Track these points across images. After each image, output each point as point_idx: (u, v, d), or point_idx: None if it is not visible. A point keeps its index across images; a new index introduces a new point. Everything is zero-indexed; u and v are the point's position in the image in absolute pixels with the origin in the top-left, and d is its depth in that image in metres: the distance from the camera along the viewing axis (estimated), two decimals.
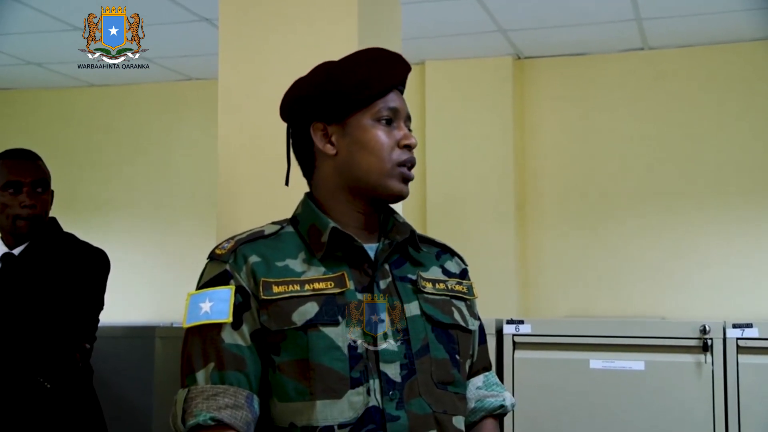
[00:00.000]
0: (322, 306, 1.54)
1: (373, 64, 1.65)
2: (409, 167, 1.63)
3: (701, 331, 3.08)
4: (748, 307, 4.62)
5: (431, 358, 1.59)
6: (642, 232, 5.00)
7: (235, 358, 1.53)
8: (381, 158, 1.60)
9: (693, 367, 3.09)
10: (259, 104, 2.49)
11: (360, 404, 1.51)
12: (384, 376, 1.54)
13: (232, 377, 1.52)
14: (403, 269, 1.65)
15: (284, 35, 2.48)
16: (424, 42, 4.91)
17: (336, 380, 1.51)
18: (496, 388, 1.77)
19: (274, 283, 1.55)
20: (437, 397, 1.58)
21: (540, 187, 5.22)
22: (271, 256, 1.59)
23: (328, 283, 1.56)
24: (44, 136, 5.73)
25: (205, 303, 1.57)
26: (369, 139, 1.61)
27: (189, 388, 1.53)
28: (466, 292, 1.73)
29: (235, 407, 1.50)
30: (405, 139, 1.62)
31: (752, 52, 4.90)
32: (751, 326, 3.05)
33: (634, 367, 3.16)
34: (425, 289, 1.64)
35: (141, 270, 5.69)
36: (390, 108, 1.62)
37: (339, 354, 1.52)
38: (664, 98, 5.05)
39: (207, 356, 1.54)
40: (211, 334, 1.55)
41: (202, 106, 5.53)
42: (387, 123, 1.62)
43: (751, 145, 4.88)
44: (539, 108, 5.25)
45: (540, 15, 4.54)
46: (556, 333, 3.33)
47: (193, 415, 1.50)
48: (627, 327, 3.27)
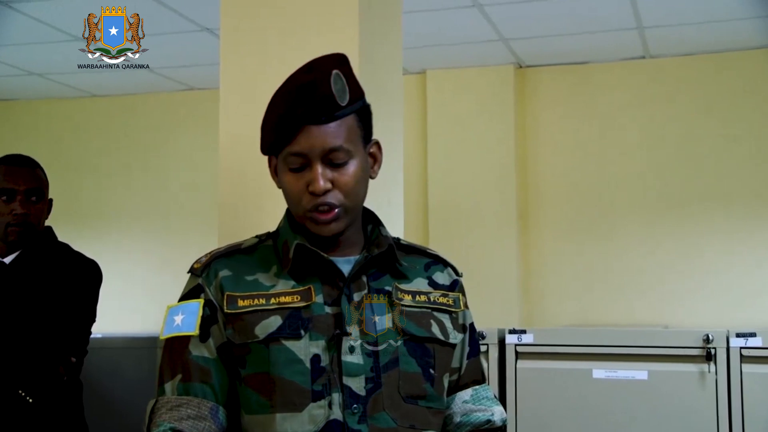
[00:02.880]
0: (286, 319, 1.54)
1: (280, 102, 1.60)
2: (321, 211, 1.57)
3: (704, 341, 3.07)
4: (751, 316, 4.61)
5: (400, 372, 1.57)
6: (644, 240, 4.99)
7: (200, 370, 1.56)
8: (294, 204, 1.60)
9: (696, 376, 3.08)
10: (260, 114, 2.46)
11: (321, 417, 1.51)
12: (347, 389, 1.53)
13: (197, 389, 1.55)
14: (381, 281, 1.63)
15: (285, 45, 2.47)
16: (425, 51, 4.92)
17: (296, 393, 1.52)
18: (486, 402, 1.73)
19: (239, 297, 1.57)
20: (404, 412, 1.57)
21: (542, 196, 5.22)
22: (242, 270, 1.61)
23: (294, 297, 1.57)
24: (45, 147, 5.73)
25: (179, 316, 1.61)
26: (284, 184, 1.61)
27: (157, 399, 1.58)
28: (451, 304, 1.70)
29: (198, 418, 1.53)
30: (310, 184, 1.57)
31: (754, 60, 4.89)
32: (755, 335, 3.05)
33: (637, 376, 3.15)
34: (402, 302, 1.62)
35: (142, 280, 5.68)
36: (294, 154, 1.57)
37: (301, 367, 1.53)
38: (665, 106, 5.04)
39: (175, 368, 1.58)
40: (180, 346, 1.58)
41: (203, 116, 5.53)
42: (299, 168, 1.57)
43: (753, 153, 4.88)
44: (541, 116, 5.25)
45: (541, 23, 4.55)
46: (558, 342, 3.33)
47: (156, 425, 1.54)
48: (630, 336, 3.27)
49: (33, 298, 2.66)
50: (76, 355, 2.75)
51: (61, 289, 2.70)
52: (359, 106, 1.62)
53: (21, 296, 2.67)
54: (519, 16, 4.40)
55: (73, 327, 2.72)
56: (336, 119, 1.57)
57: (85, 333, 2.80)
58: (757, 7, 4.30)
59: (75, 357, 2.74)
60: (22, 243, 2.78)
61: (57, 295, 2.68)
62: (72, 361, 2.71)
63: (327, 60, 1.64)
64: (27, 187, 2.77)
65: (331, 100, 1.56)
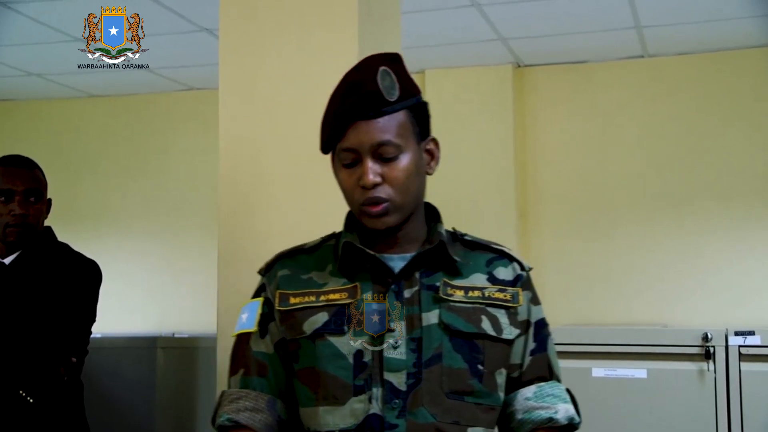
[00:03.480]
0: (332, 316, 1.60)
1: (333, 100, 1.64)
2: (371, 204, 1.60)
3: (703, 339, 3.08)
4: (750, 314, 4.61)
5: (443, 368, 1.58)
6: (643, 239, 5.00)
7: (259, 364, 1.66)
8: (349, 200, 1.65)
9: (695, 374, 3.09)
10: (260, 114, 2.49)
11: (361, 411, 1.56)
12: (388, 384, 1.56)
13: (255, 382, 1.65)
14: (433, 278, 1.64)
15: (284, 45, 2.48)
16: (424, 51, 4.92)
17: (339, 387, 1.57)
18: (550, 400, 1.67)
19: (291, 295, 1.65)
20: (447, 407, 1.57)
21: (541, 195, 5.22)
22: (300, 269, 1.69)
23: (341, 294, 1.62)
24: (45, 147, 5.73)
25: (245, 314, 1.72)
26: (339, 181, 1.66)
27: (223, 392, 1.69)
28: (508, 299, 1.68)
29: (255, 410, 1.63)
30: (360, 179, 1.60)
31: (752, 59, 4.90)
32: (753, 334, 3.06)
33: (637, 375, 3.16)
34: (451, 297, 1.62)
35: (142, 280, 5.68)
36: (345, 149, 1.61)
37: (344, 362, 1.58)
38: (664, 105, 5.05)
39: (238, 363, 1.69)
40: (243, 342, 1.70)
41: (202, 116, 5.53)
42: (351, 164, 1.61)
43: (752, 152, 4.88)
44: (540, 116, 5.25)
45: (540, 23, 4.55)
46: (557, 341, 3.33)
47: (219, 416, 1.65)
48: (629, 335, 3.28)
49: (33, 299, 2.66)
50: (77, 356, 2.75)
51: (61, 290, 2.70)
52: (412, 103, 1.64)
53: (21, 297, 2.67)
54: (517, 15, 4.41)
55: (73, 327, 2.72)
56: (384, 114, 1.59)
57: (85, 333, 2.80)
58: (755, 6, 4.30)
59: (75, 357, 2.74)
60: (22, 243, 2.78)
61: (57, 296, 2.68)
62: (72, 361, 2.71)
63: (377, 58, 1.67)
64: (25, 187, 2.76)
65: (378, 96, 1.58)
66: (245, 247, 2.46)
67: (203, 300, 4.88)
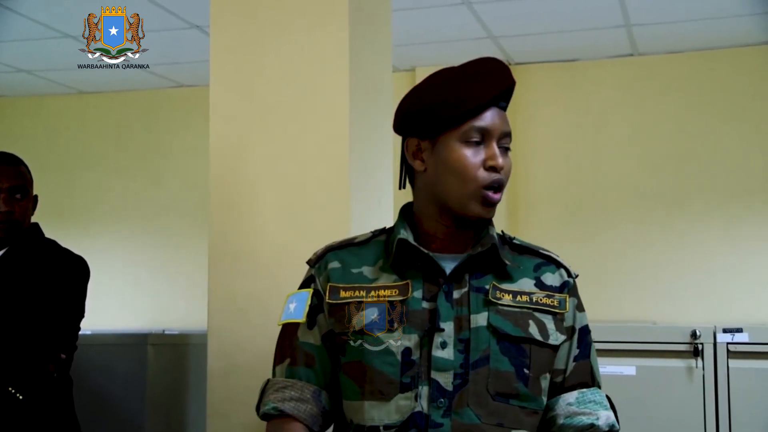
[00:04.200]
0: (382, 312, 1.62)
1: (471, 79, 1.65)
2: (495, 189, 1.63)
3: (692, 336, 3.10)
4: (738, 312, 4.64)
5: (490, 370, 1.59)
6: (633, 237, 5.02)
7: (306, 355, 1.68)
8: (463, 180, 1.62)
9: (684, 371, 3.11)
10: (251, 111, 2.49)
11: (407, 408, 1.57)
12: (434, 383, 1.57)
13: (302, 373, 1.67)
14: (482, 280, 1.65)
15: (275, 42, 2.48)
16: (414, 49, 4.93)
17: (386, 383, 1.59)
18: (592, 406, 1.67)
19: (342, 289, 1.67)
20: (492, 409, 1.58)
21: (531, 194, 5.23)
22: (350, 263, 1.70)
23: (392, 291, 1.63)
24: (35, 144, 5.72)
25: (292, 303, 1.72)
26: (454, 159, 1.62)
27: (268, 380, 1.71)
28: (555, 305, 1.68)
29: (300, 400, 1.65)
30: (490, 159, 1.62)
31: (742, 57, 4.92)
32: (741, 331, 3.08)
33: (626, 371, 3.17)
34: (500, 301, 1.63)
35: (133, 277, 5.68)
36: (479, 128, 1.62)
37: (392, 359, 1.59)
38: (654, 104, 5.07)
39: (285, 352, 1.71)
40: (290, 332, 1.71)
41: (193, 113, 5.53)
42: (477, 143, 1.62)
43: (741, 151, 4.90)
44: (530, 114, 5.26)
45: (530, 21, 4.56)
46: None
47: (264, 404, 1.68)
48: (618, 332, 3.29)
49: (21, 295, 2.65)
50: (66, 352, 2.74)
51: (49, 286, 2.69)
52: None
53: (8, 293, 2.66)
54: (508, 13, 4.42)
55: (61, 323, 2.71)
56: (505, 110, 1.68)
57: (73, 329, 2.79)
58: (744, 5, 4.32)
59: (64, 353, 2.73)
60: (8, 240, 2.77)
61: (45, 292, 2.67)
62: (62, 357, 2.71)
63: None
64: (10, 184, 2.75)
65: (512, 91, 1.69)
66: (235, 245, 2.47)
67: (194, 297, 4.88)
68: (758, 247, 4.82)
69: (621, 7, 4.32)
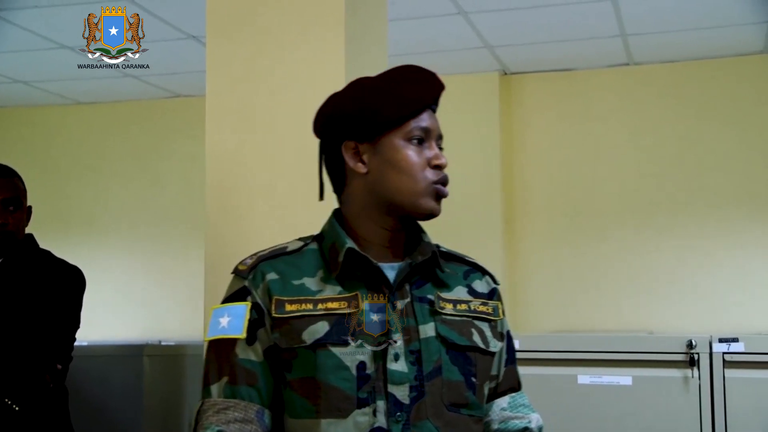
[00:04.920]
0: (333, 326, 1.55)
1: (407, 83, 1.66)
2: (443, 184, 1.66)
3: (688, 346, 3.10)
4: (734, 321, 4.64)
5: (443, 380, 1.58)
6: (629, 246, 5.02)
7: (247, 373, 1.57)
8: (412, 178, 1.62)
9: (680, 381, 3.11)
10: (247, 121, 2.49)
11: (365, 425, 1.52)
12: (392, 397, 1.53)
13: (244, 392, 1.57)
14: (423, 290, 1.64)
15: (271, 52, 2.49)
16: (410, 58, 4.86)
17: (342, 399, 1.53)
18: (523, 410, 1.74)
19: (287, 302, 1.58)
20: (447, 420, 1.57)
21: (527, 202, 5.24)
22: (289, 274, 1.61)
23: (341, 303, 1.57)
24: (31, 154, 5.72)
25: (224, 318, 1.61)
26: (400, 158, 1.62)
27: (203, 401, 1.59)
28: (491, 312, 1.71)
29: (244, 421, 1.54)
30: (435, 158, 1.64)
31: (738, 66, 4.93)
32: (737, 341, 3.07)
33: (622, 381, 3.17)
34: (444, 311, 1.62)
35: (129, 288, 5.67)
36: (421, 128, 1.64)
37: (347, 374, 1.53)
38: (649, 113, 5.08)
39: (221, 370, 1.58)
40: (226, 348, 1.59)
41: (189, 123, 5.53)
42: (418, 143, 1.63)
43: (737, 159, 4.91)
44: (526, 123, 5.27)
45: (526, 31, 4.57)
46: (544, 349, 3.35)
47: (203, 428, 1.55)
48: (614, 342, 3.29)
49: (16, 306, 2.65)
50: (61, 362, 2.74)
51: (45, 297, 2.69)
52: None
53: (4, 304, 2.66)
54: (504, 23, 4.43)
55: (57, 334, 2.71)
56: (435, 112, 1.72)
57: (69, 340, 2.79)
58: (740, 15, 4.34)
59: (60, 364, 2.73)
60: (2, 252, 2.77)
61: (41, 303, 2.67)
62: (58, 368, 2.71)
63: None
64: (4, 196, 2.75)
65: (441, 93, 1.72)
66: (232, 255, 2.46)
67: (190, 307, 4.87)
68: (754, 256, 4.83)
69: (617, 17, 4.33)
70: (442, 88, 1.70)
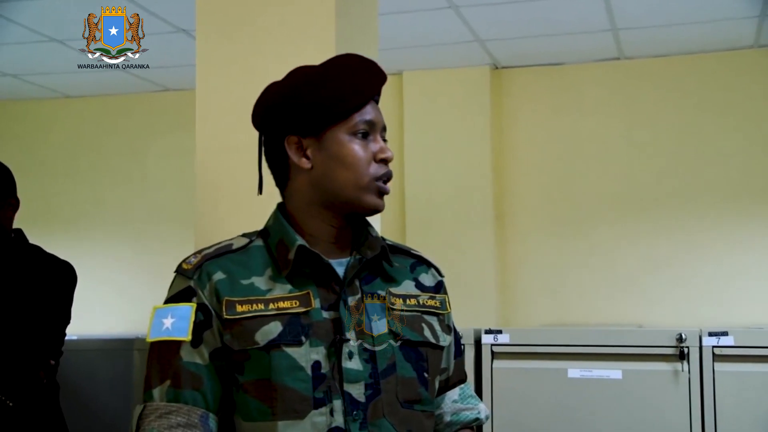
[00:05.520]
0: (286, 326, 1.51)
1: (350, 74, 1.61)
2: (385, 181, 1.60)
3: (678, 340, 3.11)
4: (723, 315, 4.65)
5: (398, 377, 1.57)
6: (619, 240, 5.03)
7: (192, 376, 1.52)
8: (357, 173, 1.57)
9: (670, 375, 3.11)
10: (237, 115, 2.48)
11: (323, 425, 1.49)
12: (348, 396, 1.51)
13: (188, 396, 1.51)
14: (373, 285, 1.62)
15: (261, 46, 2.48)
16: (401, 52, 4.93)
17: (298, 400, 1.49)
18: (471, 401, 1.77)
19: (237, 302, 1.53)
20: (402, 417, 1.56)
21: (518, 196, 5.24)
22: (237, 273, 1.57)
23: (292, 302, 1.53)
24: (20, 148, 5.70)
25: (168, 319, 1.55)
26: (345, 153, 1.57)
27: (145, 405, 1.53)
28: (438, 306, 1.70)
29: (188, 426, 1.49)
30: (381, 152, 1.60)
31: (728, 60, 4.94)
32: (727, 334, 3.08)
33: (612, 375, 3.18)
34: (394, 306, 1.61)
35: (118, 282, 5.66)
36: (366, 121, 1.59)
37: (302, 374, 1.50)
38: (640, 107, 5.09)
39: (164, 373, 1.53)
40: (169, 351, 1.53)
41: (179, 117, 5.50)
42: (363, 136, 1.59)
43: (726, 154, 4.93)
44: (517, 117, 5.28)
45: (517, 25, 4.57)
46: (534, 342, 3.35)
47: None
48: (604, 336, 3.30)
49: (9, 302, 2.64)
50: (54, 358, 2.74)
51: (36, 292, 2.68)
52: None
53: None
54: (495, 17, 4.43)
55: (50, 330, 2.70)
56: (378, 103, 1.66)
57: (61, 335, 2.79)
58: (731, 9, 4.34)
59: (53, 360, 2.72)
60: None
61: (32, 298, 2.66)
62: (51, 364, 2.70)
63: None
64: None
65: (383, 84, 1.65)
66: None
67: None
68: (744, 250, 4.84)
69: (607, 11, 4.33)
70: (384, 79, 1.64)
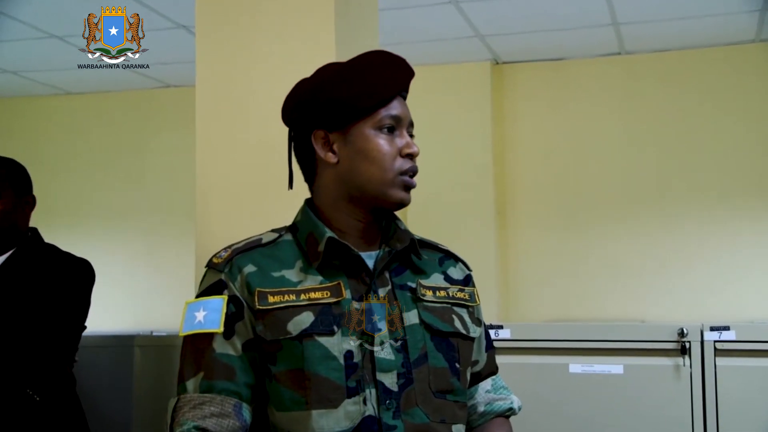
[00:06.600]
0: (318, 316, 1.53)
1: (377, 70, 1.63)
2: (411, 175, 1.62)
3: (679, 335, 3.10)
4: (725, 309, 4.66)
5: (429, 367, 1.58)
6: (621, 235, 5.03)
7: (225, 367, 1.54)
8: (382, 167, 1.59)
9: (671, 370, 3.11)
10: (237, 111, 2.48)
11: (356, 414, 1.51)
12: (380, 385, 1.53)
13: (221, 386, 1.54)
14: (402, 277, 1.64)
15: (261, 42, 2.47)
16: (402, 47, 4.92)
17: (332, 390, 1.51)
18: (504, 392, 1.80)
19: (269, 293, 1.55)
20: (435, 407, 1.58)
21: (519, 191, 5.24)
22: (267, 266, 1.59)
23: (324, 293, 1.56)
24: (21, 145, 5.70)
25: (200, 312, 1.59)
26: (371, 148, 1.59)
27: (179, 397, 1.56)
28: (467, 299, 1.73)
29: (221, 415, 1.52)
30: (407, 147, 1.61)
31: (729, 55, 4.94)
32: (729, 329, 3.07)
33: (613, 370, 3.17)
34: (425, 297, 1.63)
35: (119, 278, 5.66)
36: (392, 116, 1.61)
37: (335, 363, 1.52)
38: (641, 102, 5.08)
39: (198, 365, 1.56)
40: (202, 343, 1.57)
41: (179, 113, 5.51)
42: (389, 131, 1.61)
43: (727, 148, 4.92)
44: (517, 113, 5.28)
45: (518, 20, 4.57)
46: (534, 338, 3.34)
47: (180, 424, 1.52)
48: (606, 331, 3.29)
49: (30, 299, 2.65)
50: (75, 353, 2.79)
51: (58, 290, 2.70)
52: None
53: (18, 298, 2.66)
54: (495, 12, 4.42)
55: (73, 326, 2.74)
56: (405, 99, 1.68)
57: (80, 331, 2.82)
58: (731, 3, 4.34)
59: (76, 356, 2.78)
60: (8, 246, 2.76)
61: (54, 296, 2.68)
62: (76, 360, 2.75)
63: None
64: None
65: (411, 80, 1.67)
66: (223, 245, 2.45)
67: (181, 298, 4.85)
68: (745, 245, 4.84)
69: (608, 6, 4.32)
70: (412, 74, 1.67)
